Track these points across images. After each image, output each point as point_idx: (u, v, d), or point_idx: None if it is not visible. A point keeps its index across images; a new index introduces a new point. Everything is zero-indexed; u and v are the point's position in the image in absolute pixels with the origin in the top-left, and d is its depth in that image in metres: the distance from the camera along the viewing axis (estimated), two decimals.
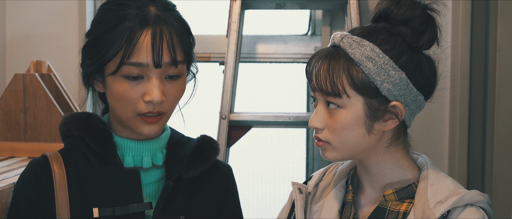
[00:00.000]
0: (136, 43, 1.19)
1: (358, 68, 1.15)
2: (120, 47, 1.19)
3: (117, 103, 1.24)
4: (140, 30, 1.19)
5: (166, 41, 1.20)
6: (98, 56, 1.23)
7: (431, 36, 1.19)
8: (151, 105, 1.22)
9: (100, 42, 1.23)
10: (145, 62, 1.20)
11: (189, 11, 2.64)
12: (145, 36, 1.19)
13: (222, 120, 2.21)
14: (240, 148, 2.55)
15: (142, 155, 1.30)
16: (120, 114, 1.25)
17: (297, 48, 2.56)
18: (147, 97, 1.21)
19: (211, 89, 2.58)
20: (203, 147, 1.34)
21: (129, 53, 1.19)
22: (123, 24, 1.20)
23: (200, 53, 2.54)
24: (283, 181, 2.64)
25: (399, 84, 1.16)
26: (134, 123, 1.25)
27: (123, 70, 1.20)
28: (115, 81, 1.22)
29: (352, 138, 1.18)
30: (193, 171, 1.30)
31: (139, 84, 1.21)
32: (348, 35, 1.19)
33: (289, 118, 2.25)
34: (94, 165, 1.27)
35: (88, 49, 1.26)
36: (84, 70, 1.28)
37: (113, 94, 1.23)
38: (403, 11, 1.18)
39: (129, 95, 1.21)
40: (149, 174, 1.31)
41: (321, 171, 1.35)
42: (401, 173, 1.22)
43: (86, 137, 1.28)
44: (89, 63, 1.25)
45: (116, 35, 1.20)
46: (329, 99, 1.18)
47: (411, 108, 1.20)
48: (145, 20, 1.20)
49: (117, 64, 1.20)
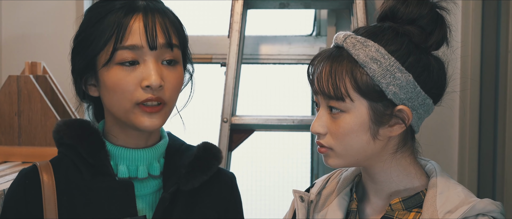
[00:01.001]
0: (127, 26, 1.18)
1: (362, 70, 1.13)
2: (111, 34, 1.17)
3: (113, 96, 1.20)
4: (130, 15, 1.18)
5: (158, 23, 1.19)
6: (88, 50, 1.20)
7: (440, 36, 1.17)
8: (150, 90, 1.18)
9: (88, 37, 1.21)
10: (139, 44, 1.17)
11: (190, 11, 2.64)
12: (135, 20, 1.18)
13: (224, 124, 2.21)
14: (242, 153, 2.56)
15: (137, 164, 1.26)
16: (117, 109, 1.21)
17: (301, 49, 2.57)
18: (145, 82, 1.17)
19: (212, 91, 2.59)
20: (203, 156, 1.29)
21: (121, 37, 1.17)
22: (111, 15, 1.19)
23: (201, 54, 2.55)
24: (287, 187, 2.65)
25: (406, 87, 1.14)
26: (133, 116, 1.20)
27: (117, 56, 1.17)
28: (109, 71, 1.19)
29: (356, 144, 1.16)
30: (192, 183, 1.26)
31: (136, 70, 1.18)
32: (352, 35, 1.17)
33: (293, 121, 2.25)
34: (85, 176, 1.23)
35: (77, 49, 1.23)
36: (77, 74, 1.24)
37: (108, 86, 1.19)
38: (411, 9, 1.16)
39: (125, 82, 1.18)
40: (145, 185, 1.26)
41: (324, 178, 1.33)
42: (408, 181, 1.20)
43: (78, 145, 1.24)
44: (80, 59, 1.22)
45: (105, 25, 1.18)
46: (332, 104, 1.16)
47: (419, 112, 1.17)
48: (134, 7, 1.20)
49: (110, 52, 1.17)
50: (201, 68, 2.63)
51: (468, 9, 2.25)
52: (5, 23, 2.46)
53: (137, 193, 1.25)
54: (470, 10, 2.25)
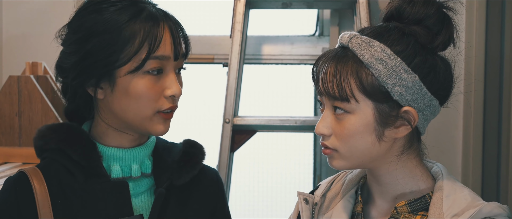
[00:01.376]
0: (159, 35, 1.20)
1: (367, 71, 1.12)
2: (142, 42, 1.19)
3: (134, 103, 1.21)
4: (159, 25, 1.21)
5: (181, 33, 1.24)
6: (110, 59, 1.19)
7: (447, 36, 1.15)
8: (172, 100, 1.22)
9: (109, 44, 1.19)
10: (168, 54, 1.21)
11: (192, 10, 2.64)
12: (164, 30, 1.21)
13: (226, 124, 2.21)
14: (244, 153, 2.56)
15: (130, 163, 1.27)
16: (134, 115, 1.22)
17: (304, 49, 2.56)
18: (168, 92, 1.21)
19: (214, 92, 2.60)
20: (191, 152, 1.33)
21: (155, 47, 1.19)
22: (133, 22, 1.20)
23: (203, 54, 2.56)
24: (289, 188, 2.65)
25: (412, 88, 1.13)
26: (150, 123, 1.23)
27: (147, 65, 1.20)
28: (135, 79, 1.20)
29: (361, 145, 1.15)
30: (184, 177, 1.29)
31: (160, 79, 1.21)
32: (357, 35, 1.16)
33: (296, 122, 2.24)
34: (79, 178, 1.23)
35: (91, 56, 1.21)
36: (85, 79, 1.22)
37: (131, 93, 1.20)
38: (417, 9, 1.14)
39: (152, 91, 1.20)
40: (138, 183, 1.28)
41: (329, 180, 1.33)
42: (414, 184, 1.19)
43: (68, 149, 1.23)
44: (97, 69, 1.20)
45: (131, 33, 1.19)
46: (336, 104, 1.15)
47: (425, 113, 1.16)
48: (156, 16, 1.22)
49: (141, 60, 1.19)
50: (203, 69, 2.63)
51: (472, 9, 2.24)
52: (6, 23, 2.45)
53: (131, 192, 1.26)
54: (474, 10, 2.25)
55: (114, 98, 1.22)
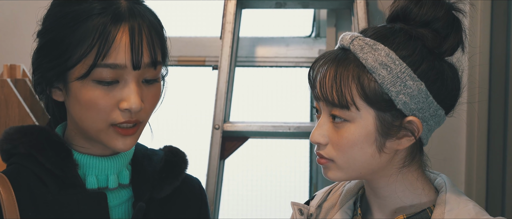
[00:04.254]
0: (113, 41, 1.08)
1: (370, 76, 1.08)
2: (92, 46, 1.08)
3: (85, 113, 1.12)
4: (116, 26, 1.09)
5: (145, 39, 1.11)
6: (61, 58, 1.11)
7: (456, 40, 1.11)
8: (128, 114, 1.12)
9: (62, 41, 1.10)
10: (123, 63, 1.09)
11: (183, 10, 2.62)
12: (122, 33, 1.09)
13: (215, 131, 2.19)
14: (236, 161, 2.54)
15: (107, 173, 1.19)
16: (88, 127, 1.13)
17: (299, 51, 2.55)
18: (124, 104, 1.10)
19: (205, 96, 2.58)
20: (173, 161, 1.26)
21: (104, 53, 1.08)
22: (92, 19, 1.09)
23: (193, 57, 2.54)
24: (284, 197, 2.63)
25: (417, 97, 1.08)
26: (106, 137, 1.13)
27: (95, 73, 1.09)
28: (84, 87, 1.10)
29: (360, 157, 1.11)
30: (166, 189, 1.22)
31: (114, 90, 1.11)
32: (360, 37, 1.11)
33: (289, 128, 2.22)
34: (52, 189, 1.14)
35: (46, 51, 1.13)
36: (41, 76, 1.15)
37: (81, 102, 1.11)
38: (425, 11, 1.10)
39: (102, 102, 1.10)
40: (115, 195, 1.20)
41: (326, 189, 1.29)
42: (415, 197, 1.15)
43: (39, 155, 1.15)
44: (49, 67, 1.12)
45: (85, 32, 1.08)
46: (335, 112, 1.10)
47: (430, 124, 1.12)
48: (119, 14, 1.10)
49: (88, 66, 1.08)
50: (193, 71, 2.61)
51: (476, 10, 2.22)
52: None
53: (109, 204, 1.19)
54: (478, 11, 2.24)
55: (70, 104, 1.14)
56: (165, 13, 2.55)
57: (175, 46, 2.58)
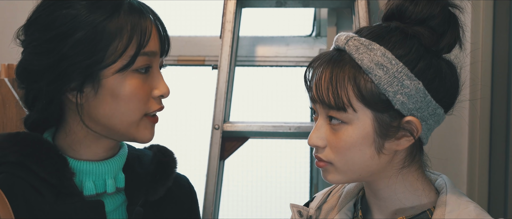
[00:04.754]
0: (147, 29, 1.13)
1: (366, 77, 1.07)
2: (131, 37, 1.11)
3: (123, 106, 1.12)
4: (144, 16, 1.14)
5: (164, 28, 1.18)
6: (97, 56, 1.10)
7: (453, 37, 1.11)
8: (160, 101, 1.16)
9: (93, 40, 1.10)
10: (156, 50, 1.15)
11: (182, 9, 2.60)
12: (150, 23, 1.14)
13: (215, 131, 2.17)
14: (236, 162, 2.53)
15: (104, 178, 1.17)
16: (121, 121, 1.13)
17: (300, 50, 2.54)
18: (157, 92, 1.14)
19: (205, 95, 2.57)
20: (164, 162, 1.26)
21: (144, 42, 1.12)
22: (119, 14, 1.11)
23: (193, 56, 2.53)
24: (284, 198, 2.62)
25: (415, 96, 1.07)
26: (138, 129, 1.14)
27: (138, 62, 1.12)
28: (125, 79, 1.11)
29: (359, 159, 1.10)
30: (160, 191, 1.22)
31: (148, 78, 1.14)
32: (355, 37, 1.11)
33: (290, 128, 2.20)
34: (48, 198, 1.11)
35: (75, 54, 1.10)
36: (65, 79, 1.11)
37: (121, 95, 1.11)
38: (420, 8, 1.09)
39: (142, 91, 1.13)
40: (111, 200, 1.19)
41: (325, 191, 1.29)
42: (415, 198, 1.14)
43: (32, 164, 1.12)
44: (81, 67, 1.10)
45: (118, 26, 1.11)
46: (332, 114, 1.09)
47: (429, 123, 1.11)
48: (137, 7, 1.14)
49: (130, 57, 1.11)
50: (192, 71, 2.60)
51: (478, 9, 2.21)
52: None
53: (105, 210, 1.17)
54: (480, 10, 2.22)
55: (98, 102, 1.12)
56: (165, 12, 2.52)
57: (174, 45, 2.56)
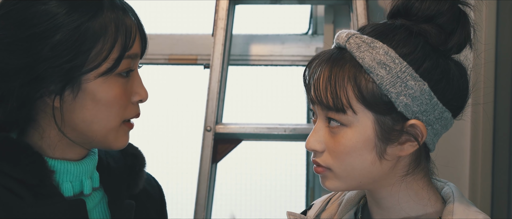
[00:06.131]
0: (132, 30, 1.09)
1: (367, 77, 1.04)
2: (115, 38, 1.06)
3: (103, 112, 1.07)
4: (126, 16, 1.09)
5: (143, 26, 1.14)
6: (78, 60, 1.04)
7: (463, 36, 1.07)
8: (138, 106, 1.13)
9: (75, 41, 1.04)
10: (138, 52, 1.11)
11: (172, 6, 2.59)
12: (131, 23, 1.10)
13: (207, 133, 2.15)
14: (228, 165, 2.51)
15: (81, 178, 1.13)
16: (100, 127, 1.08)
17: (295, 49, 2.52)
18: (137, 97, 1.11)
19: (198, 96, 2.55)
20: (136, 153, 1.24)
21: (130, 43, 1.08)
22: (101, 11, 1.06)
23: (185, 55, 2.51)
24: (280, 202, 2.60)
25: (420, 98, 1.04)
26: (115, 135, 1.10)
27: (121, 65, 1.08)
28: (106, 83, 1.07)
29: (359, 165, 1.07)
30: (140, 184, 1.21)
31: (128, 82, 1.11)
32: (357, 35, 1.07)
33: (285, 130, 2.19)
34: (28, 200, 1.06)
35: (54, 56, 1.04)
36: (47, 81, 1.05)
37: (103, 100, 1.07)
38: (427, 5, 1.06)
39: (124, 96, 1.09)
40: (90, 199, 1.16)
41: (324, 198, 1.27)
42: (421, 208, 1.12)
43: (7, 165, 1.06)
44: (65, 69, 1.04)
45: (102, 25, 1.05)
46: (331, 115, 1.06)
47: (435, 128, 1.08)
48: (119, 5, 1.10)
49: (114, 60, 1.06)
50: (184, 70, 2.58)
51: (480, 9, 2.19)
52: None
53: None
54: (483, 10, 2.21)
55: (77, 107, 1.07)
56: (155, 9, 2.52)
57: (165, 43, 2.55)
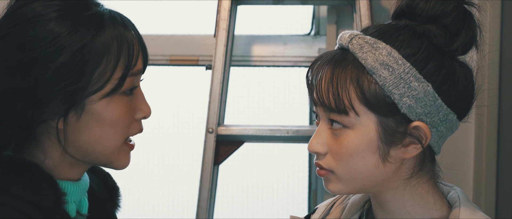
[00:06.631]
0: (135, 47, 1.05)
1: (370, 78, 1.02)
2: (117, 57, 1.03)
3: (108, 132, 1.04)
4: (127, 30, 1.06)
5: (143, 41, 1.10)
6: (82, 82, 1.01)
7: (468, 37, 1.05)
8: (140, 123, 1.10)
9: (78, 63, 1.00)
10: (141, 68, 1.08)
11: (174, 6, 2.58)
12: (133, 38, 1.06)
13: (209, 134, 2.14)
14: (230, 167, 2.51)
15: (80, 197, 1.10)
16: (104, 148, 1.05)
17: (298, 50, 2.52)
18: (141, 114, 1.08)
19: (199, 97, 2.54)
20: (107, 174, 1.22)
21: (134, 62, 1.05)
22: (103, 30, 1.02)
23: (186, 56, 2.50)
24: (282, 204, 2.59)
25: (424, 99, 1.03)
26: (118, 155, 1.07)
27: (126, 84, 1.05)
28: (111, 103, 1.03)
29: (362, 167, 1.05)
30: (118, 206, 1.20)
31: (132, 99, 1.07)
32: (360, 35, 1.06)
33: (288, 132, 2.17)
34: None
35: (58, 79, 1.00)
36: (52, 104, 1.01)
37: (107, 120, 1.03)
38: (432, 5, 1.04)
39: (128, 114, 1.06)
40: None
41: (328, 202, 1.25)
42: (426, 212, 1.10)
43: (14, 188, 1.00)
44: (68, 92, 1.01)
45: (104, 44, 1.02)
46: (333, 117, 1.04)
47: (440, 130, 1.06)
48: (119, 21, 1.06)
49: (118, 79, 1.03)
50: (185, 71, 2.57)
51: (485, 9, 2.18)
52: None
53: None
54: (487, 11, 2.21)
55: (81, 128, 1.03)
56: (156, 10, 2.51)
57: (166, 44, 2.54)
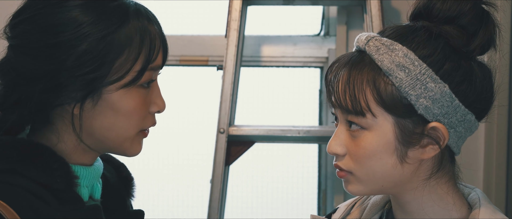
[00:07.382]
0: (156, 41, 1.08)
1: (386, 79, 1.02)
2: (139, 50, 1.05)
3: (122, 122, 1.07)
4: (151, 24, 1.08)
5: (165, 37, 1.12)
6: (102, 70, 1.03)
7: (486, 37, 1.05)
8: (154, 116, 1.13)
9: (100, 52, 1.03)
10: (160, 63, 1.10)
11: (184, 7, 2.58)
12: (155, 33, 1.08)
13: (220, 135, 2.13)
14: (241, 166, 2.51)
15: (93, 182, 1.13)
16: (117, 135, 1.08)
17: (308, 50, 2.51)
18: (155, 107, 1.11)
19: (209, 98, 2.55)
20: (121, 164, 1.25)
21: (154, 56, 1.07)
22: (127, 20, 1.05)
23: (196, 56, 2.51)
24: (291, 204, 2.58)
25: (441, 100, 1.02)
26: (131, 144, 1.10)
27: (143, 77, 1.07)
28: (128, 94, 1.06)
29: (380, 168, 1.05)
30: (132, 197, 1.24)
31: (148, 92, 1.10)
32: (376, 37, 1.05)
33: (299, 132, 2.17)
34: (54, 206, 1.03)
35: (80, 65, 1.03)
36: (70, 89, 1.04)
37: (122, 111, 1.06)
38: (448, 6, 1.04)
39: (143, 107, 1.09)
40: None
41: (349, 202, 1.25)
42: (446, 213, 1.09)
43: (27, 170, 1.03)
44: (88, 79, 1.03)
45: (127, 36, 1.04)
46: (350, 119, 1.05)
47: (458, 130, 1.06)
48: (143, 14, 1.08)
49: (137, 72, 1.05)
50: (196, 72, 2.57)
51: (503, 7, 2.13)
52: None
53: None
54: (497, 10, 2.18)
55: (96, 114, 1.06)
56: (167, 10, 2.51)
57: (176, 45, 2.54)
